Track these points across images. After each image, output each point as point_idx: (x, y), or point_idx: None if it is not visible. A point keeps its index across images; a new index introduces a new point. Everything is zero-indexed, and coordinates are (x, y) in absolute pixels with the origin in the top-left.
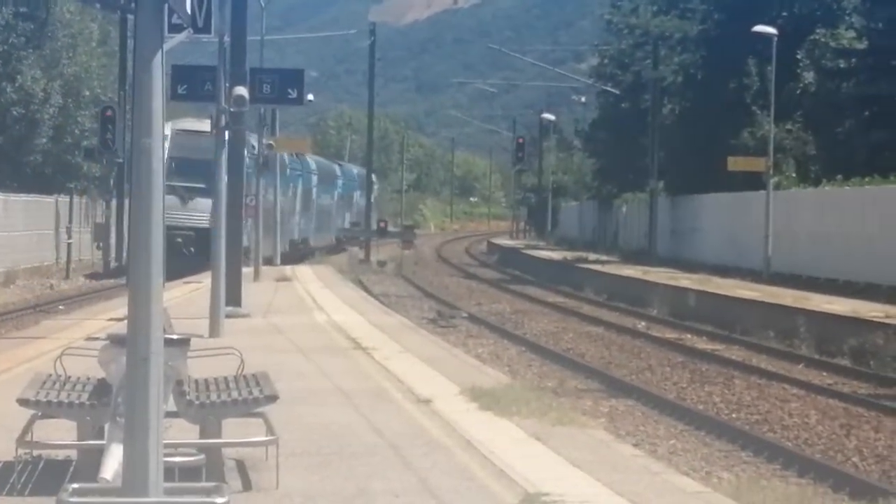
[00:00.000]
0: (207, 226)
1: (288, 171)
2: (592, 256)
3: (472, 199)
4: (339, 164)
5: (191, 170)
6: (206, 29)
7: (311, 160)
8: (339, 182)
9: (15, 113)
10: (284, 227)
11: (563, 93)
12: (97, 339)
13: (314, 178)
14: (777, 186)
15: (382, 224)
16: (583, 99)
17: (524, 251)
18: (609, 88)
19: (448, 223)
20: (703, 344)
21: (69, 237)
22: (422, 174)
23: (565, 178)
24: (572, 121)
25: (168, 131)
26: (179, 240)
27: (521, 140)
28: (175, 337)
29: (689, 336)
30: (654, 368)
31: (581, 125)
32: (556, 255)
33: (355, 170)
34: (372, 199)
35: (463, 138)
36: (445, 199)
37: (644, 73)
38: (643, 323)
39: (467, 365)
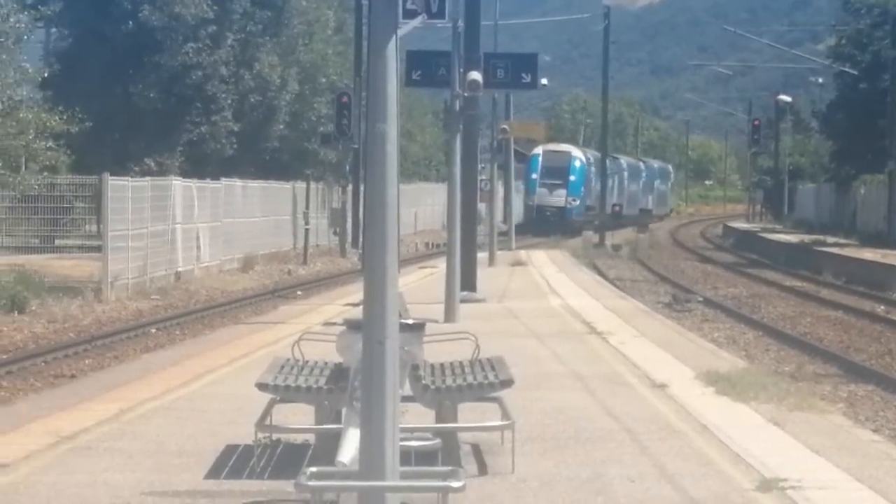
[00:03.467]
0: (563, 205)
1: (625, 173)
2: (830, 239)
3: (707, 182)
4: (643, 161)
5: (553, 173)
6: (440, 14)
7: (624, 160)
8: (644, 174)
9: (252, 100)
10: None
11: (800, 74)
12: (334, 324)
13: (625, 173)
14: None
15: (616, 208)
16: (820, 80)
17: (760, 234)
18: (847, 69)
19: (683, 206)
20: None
21: (306, 223)
22: (656, 157)
23: (802, 161)
24: (809, 102)
25: (539, 151)
26: (548, 213)
27: (756, 122)
28: (410, 322)
29: None
30: (894, 353)
31: (818, 107)
32: (792, 238)
33: (656, 164)
34: (667, 187)
35: (698, 121)
36: (680, 183)
37: (883, 54)
38: (883, 307)
39: (703, 349)
